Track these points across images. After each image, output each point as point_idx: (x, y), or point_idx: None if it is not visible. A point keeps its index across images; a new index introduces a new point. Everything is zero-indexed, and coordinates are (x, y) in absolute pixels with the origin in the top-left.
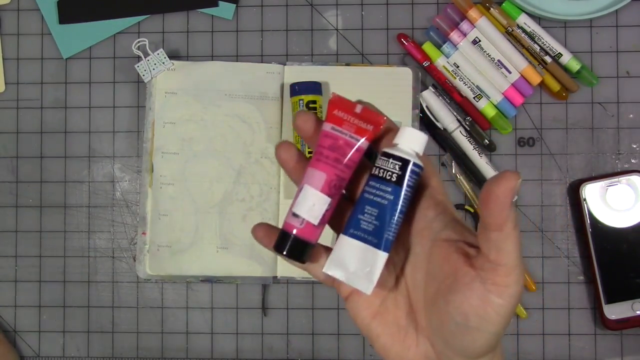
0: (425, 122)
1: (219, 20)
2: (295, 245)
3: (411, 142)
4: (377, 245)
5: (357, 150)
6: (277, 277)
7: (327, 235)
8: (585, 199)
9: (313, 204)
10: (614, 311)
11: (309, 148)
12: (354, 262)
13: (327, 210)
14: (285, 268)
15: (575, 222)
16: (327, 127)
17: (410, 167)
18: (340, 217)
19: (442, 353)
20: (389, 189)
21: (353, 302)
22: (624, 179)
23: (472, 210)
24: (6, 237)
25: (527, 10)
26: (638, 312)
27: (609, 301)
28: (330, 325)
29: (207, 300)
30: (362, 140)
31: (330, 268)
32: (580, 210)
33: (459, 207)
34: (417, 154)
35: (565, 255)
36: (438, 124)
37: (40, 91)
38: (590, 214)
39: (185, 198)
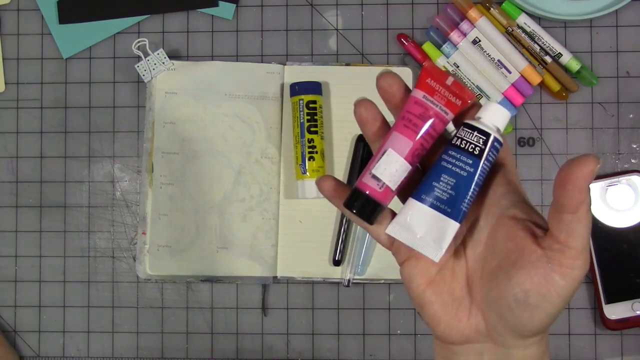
0: None
1: (219, 20)
2: (368, 206)
3: (495, 117)
4: (450, 215)
5: (443, 122)
6: (277, 277)
7: None
8: None
9: (396, 169)
10: (614, 311)
11: (309, 143)
12: (423, 228)
13: (405, 178)
14: (285, 268)
15: None
16: (419, 94)
17: (493, 142)
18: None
19: (494, 328)
20: (470, 161)
21: (409, 267)
22: (624, 179)
23: None
24: (6, 237)
25: (527, 10)
26: (638, 312)
27: (609, 301)
28: (330, 325)
29: (207, 300)
30: (450, 113)
31: (396, 230)
32: None
33: None
34: (499, 130)
35: None
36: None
37: (40, 91)
38: None
39: (185, 198)
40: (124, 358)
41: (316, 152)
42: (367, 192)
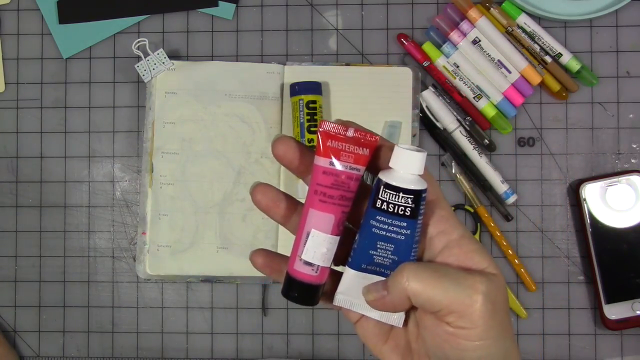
0: (425, 122)
1: (219, 20)
2: (308, 292)
3: (412, 165)
4: None
5: (357, 179)
6: None
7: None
8: (585, 199)
9: (327, 249)
10: (614, 311)
11: (309, 143)
12: None
13: (337, 249)
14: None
15: (575, 222)
16: (325, 162)
17: (422, 196)
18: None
19: None
20: (404, 224)
21: (362, 328)
22: (624, 179)
23: (471, 210)
24: (6, 237)
25: (527, 10)
26: (638, 312)
27: (609, 301)
28: (330, 325)
29: (207, 300)
30: (362, 167)
31: (344, 301)
32: (580, 210)
33: (458, 207)
34: (419, 178)
35: (565, 255)
36: (438, 124)
37: (40, 91)
38: (590, 214)
39: (185, 198)
40: (124, 358)
41: None
42: (303, 280)
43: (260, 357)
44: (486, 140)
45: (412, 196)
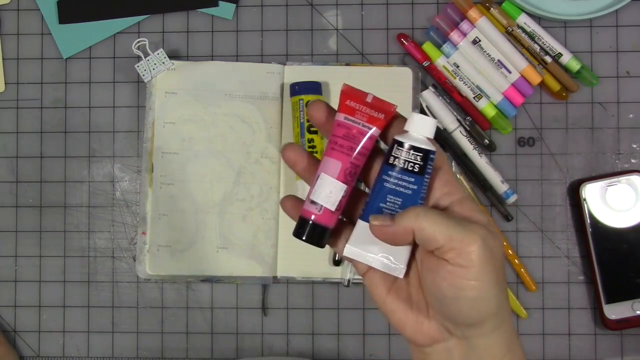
0: None
1: (219, 20)
2: (313, 231)
3: (423, 128)
4: None
5: (369, 138)
6: (277, 277)
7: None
8: (585, 199)
9: (330, 191)
10: (614, 311)
11: (309, 143)
12: (378, 247)
13: (343, 197)
14: (285, 268)
15: (575, 222)
16: (340, 116)
17: (429, 155)
18: (354, 204)
19: (444, 324)
20: (412, 179)
21: (369, 279)
22: (624, 179)
23: None
24: (6, 237)
25: (527, 10)
26: (638, 312)
27: (609, 301)
28: (330, 325)
29: (207, 300)
30: (374, 128)
31: (353, 252)
32: (580, 210)
33: None
34: (430, 140)
35: (565, 255)
36: (438, 124)
37: (40, 91)
38: (590, 214)
39: (185, 198)
40: (124, 358)
41: (316, 152)
42: (311, 218)
43: (260, 357)
44: (486, 140)
45: (421, 154)
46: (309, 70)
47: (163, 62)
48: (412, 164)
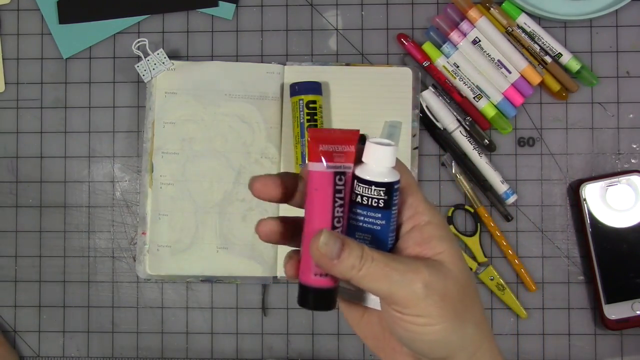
0: (425, 122)
1: (219, 20)
2: (327, 297)
3: (382, 158)
4: None
5: (350, 177)
6: (277, 277)
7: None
8: (585, 199)
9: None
10: (614, 311)
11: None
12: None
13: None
14: None
15: (575, 222)
16: (319, 167)
17: (394, 187)
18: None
19: (420, 357)
20: (379, 215)
21: (342, 306)
22: (624, 179)
23: (472, 211)
24: (6, 237)
25: (527, 10)
26: (638, 312)
27: (609, 301)
28: (330, 325)
29: (207, 300)
30: (351, 165)
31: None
32: (580, 210)
33: (458, 207)
34: (392, 169)
35: (565, 255)
36: (438, 124)
37: (40, 91)
38: (590, 214)
39: (185, 198)
40: (124, 358)
41: None
42: (321, 287)
43: (260, 358)
44: (486, 140)
45: (383, 188)
46: (309, 70)
47: (163, 62)
48: (375, 200)
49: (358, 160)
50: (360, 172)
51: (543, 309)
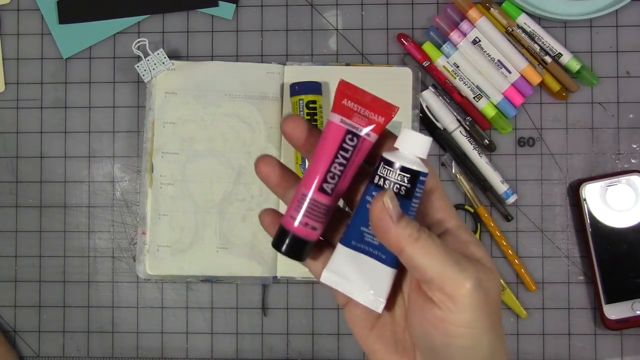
0: (425, 122)
1: (219, 20)
2: (294, 244)
3: (416, 147)
4: (385, 261)
5: (366, 146)
6: (277, 277)
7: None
8: (585, 199)
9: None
10: (614, 311)
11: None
12: (358, 276)
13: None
14: (285, 268)
15: (575, 222)
16: (336, 118)
17: (418, 178)
18: (335, 226)
19: None
20: (399, 203)
21: (350, 312)
22: (624, 179)
23: (472, 211)
24: (6, 237)
25: (527, 10)
26: (638, 312)
27: (609, 301)
28: (330, 325)
29: (207, 300)
30: (373, 134)
31: (331, 279)
32: (580, 210)
33: (458, 207)
34: (421, 160)
35: (565, 255)
36: (438, 124)
37: (40, 91)
38: (590, 214)
39: (185, 198)
40: (124, 358)
41: None
42: (290, 229)
43: (260, 358)
44: (486, 140)
45: (408, 175)
46: (309, 71)
47: (163, 62)
48: (399, 185)
49: (387, 143)
50: (388, 155)
51: (543, 309)
